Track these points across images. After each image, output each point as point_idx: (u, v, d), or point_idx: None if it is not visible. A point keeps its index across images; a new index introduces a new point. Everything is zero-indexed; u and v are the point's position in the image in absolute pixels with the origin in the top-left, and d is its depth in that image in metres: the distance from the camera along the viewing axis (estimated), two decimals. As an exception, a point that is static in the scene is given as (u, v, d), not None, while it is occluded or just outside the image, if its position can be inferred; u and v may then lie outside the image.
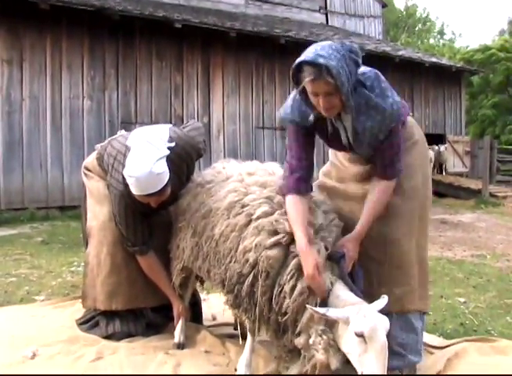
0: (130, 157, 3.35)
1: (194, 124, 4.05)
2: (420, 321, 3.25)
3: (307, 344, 2.67)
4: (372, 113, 2.76)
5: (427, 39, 51.33)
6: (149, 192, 3.29)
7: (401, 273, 3.10)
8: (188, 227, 3.42)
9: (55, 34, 11.82)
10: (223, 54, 14.14)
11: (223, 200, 3.17)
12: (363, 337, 2.46)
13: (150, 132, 3.55)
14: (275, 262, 2.81)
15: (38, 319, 4.22)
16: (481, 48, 35.13)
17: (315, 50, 2.63)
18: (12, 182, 11.26)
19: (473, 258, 7.80)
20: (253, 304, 2.88)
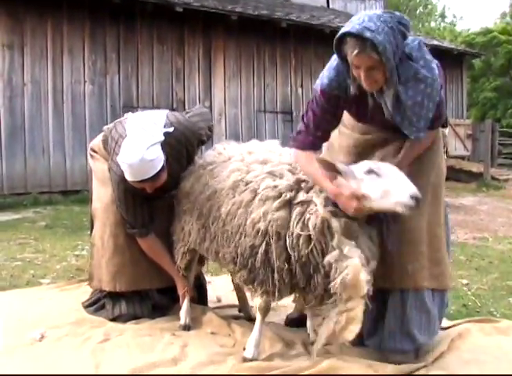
0: (124, 144, 3.37)
1: (199, 109, 4.06)
2: (434, 301, 3.25)
3: (340, 255, 2.75)
4: (421, 87, 2.72)
5: (428, 22, 51.01)
6: (142, 178, 3.32)
7: (411, 250, 3.11)
8: (193, 209, 3.45)
9: (56, 18, 11.77)
10: (224, 37, 14.09)
11: (226, 180, 3.23)
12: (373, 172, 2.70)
13: (145, 118, 3.56)
14: (283, 221, 2.89)
15: (45, 301, 4.26)
16: (483, 31, 34.94)
17: (362, 21, 2.54)
18: (14, 166, 11.27)
19: (475, 240, 7.84)
20: (270, 272, 2.94)
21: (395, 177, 2.69)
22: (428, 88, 2.72)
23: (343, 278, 2.70)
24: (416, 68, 2.71)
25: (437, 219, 3.24)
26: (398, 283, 3.14)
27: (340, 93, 2.89)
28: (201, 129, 3.82)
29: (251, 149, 3.38)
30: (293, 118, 15.10)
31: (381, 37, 2.50)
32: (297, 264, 2.86)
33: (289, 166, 3.11)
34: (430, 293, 3.21)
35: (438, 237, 3.23)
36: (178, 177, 3.69)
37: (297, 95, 15.41)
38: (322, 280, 2.83)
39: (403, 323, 3.14)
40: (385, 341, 3.18)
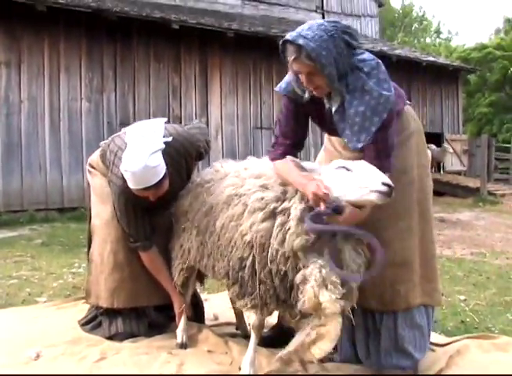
0: (125, 153, 3.37)
1: (197, 124, 4.09)
2: (425, 316, 3.25)
3: (304, 277, 2.71)
4: (366, 98, 2.72)
5: (423, 38, 51.36)
6: (145, 185, 3.31)
7: (404, 271, 3.11)
8: (192, 227, 3.45)
9: (53, 35, 11.82)
10: (220, 55, 14.16)
11: (221, 194, 3.24)
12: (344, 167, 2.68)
13: (145, 127, 3.56)
14: (266, 232, 2.86)
15: (41, 320, 4.22)
16: (478, 47, 35.15)
17: (301, 29, 2.69)
18: (11, 184, 11.26)
19: (472, 256, 7.83)
20: (257, 285, 2.92)
21: (366, 169, 2.65)
22: (373, 100, 2.71)
23: (302, 302, 2.70)
24: (365, 80, 2.73)
25: (428, 236, 3.24)
26: (389, 306, 3.14)
27: (297, 97, 2.97)
28: (199, 141, 3.82)
29: (247, 165, 3.38)
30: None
31: (314, 45, 2.58)
32: (276, 277, 2.84)
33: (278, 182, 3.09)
34: (421, 308, 3.22)
35: (430, 254, 3.25)
36: (178, 188, 3.68)
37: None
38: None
39: (397, 341, 3.14)
40: (382, 360, 3.17)
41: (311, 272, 2.68)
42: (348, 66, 2.73)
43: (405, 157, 3.11)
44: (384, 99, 2.72)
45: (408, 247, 3.12)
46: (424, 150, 3.33)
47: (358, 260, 2.84)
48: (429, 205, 3.26)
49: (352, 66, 2.74)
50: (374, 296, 3.08)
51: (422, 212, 3.19)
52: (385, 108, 2.73)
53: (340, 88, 2.73)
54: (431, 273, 3.25)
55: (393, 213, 3.06)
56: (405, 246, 3.11)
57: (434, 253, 3.30)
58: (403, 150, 3.10)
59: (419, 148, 3.23)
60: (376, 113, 2.72)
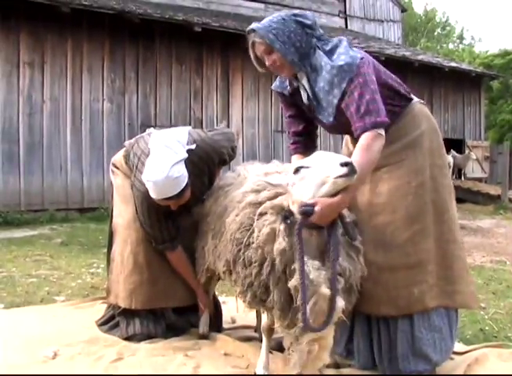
0: (148, 162, 3.38)
1: (223, 129, 4.06)
2: (447, 319, 3.18)
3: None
4: (323, 74, 2.88)
5: (446, 44, 51.07)
6: (166, 196, 3.32)
7: (417, 272, 3.04)
8: (210, 231, 3.45)
9: (76, 37, 11.93)
10: (242, 58, 14.14)
11: (235, 198, 3.22)
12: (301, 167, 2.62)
13: (168, 136, 3.56)
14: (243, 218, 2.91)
15: (59, 319, 4.24)
16: (501, 53, 34.90)
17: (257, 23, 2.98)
18: (32, 183, 11.36)
19: (492, 263, 7.74)
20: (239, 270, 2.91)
21: (321, 159, 2.58)
22: (327, 74, 2.86)
23: (311, 307, 2.59)
24: (322, 57, 2.89)
25: (447, 236, 3.16)
26: (406, 309, 3.04)
27: (283, 90, 3.23)
28: (223, 148, 3.81)
29: (270, 170, 3.34)
30: (310, 139, 15.09)
31: (263, 26, 2.91)
32: (253, 268, 2.79)
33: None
34: (441, 311, 3.14)
35: (451, 255, 3.16)
36: (200, 194, 3.69)
37: (315, 115, 15.40)
38: (279, 299, 2.71)
39: (414, 344, 3.07)
40: (400, 366, 3.12)
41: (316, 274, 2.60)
42: (309, 47, 2.90)
43: (416, 157, 3.10)
44: (337, 70, 2.82)
45: (421, 250, 3.05)
46: (439, 149, 3.26)
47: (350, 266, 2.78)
48: (447, 205, 3.18)
49: (313, 47, 2.91)
50: (387, 302, 3.01)
51: (438, 213, 3.13)
52: (342, 78, 2.82)
53: (301, 66, 2.92)
54: (452, 274, 3.15)
55: (405, 215, 3.03)
56: (419, 248, 3.05)
57: (456, 253, 3.18)
58: (413, 150, 3.10)
59: (432, 148, 3.19)
60: (333, 85, 2.86)
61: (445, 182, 3.21)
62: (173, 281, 3.84)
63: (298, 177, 2.61)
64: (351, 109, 2.82)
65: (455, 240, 3.20)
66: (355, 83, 2.79)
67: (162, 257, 3.80)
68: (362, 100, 2.78)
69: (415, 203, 3.05)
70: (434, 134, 3.26)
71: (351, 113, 2.83)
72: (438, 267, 3.10)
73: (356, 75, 2.80)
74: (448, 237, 3.16)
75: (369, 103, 2.79)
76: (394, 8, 21.48)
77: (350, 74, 2.80)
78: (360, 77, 2.80)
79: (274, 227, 2.71)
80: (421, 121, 3.18)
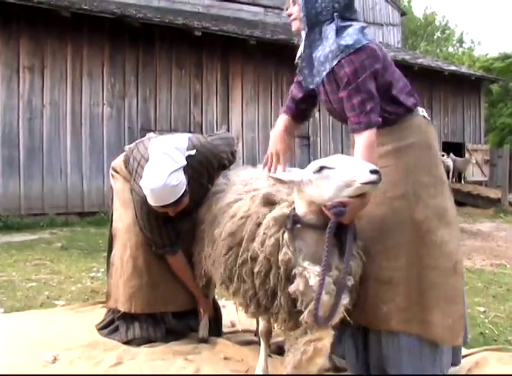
0: (146, 169, 3.39)
1: (223, 134, 4.07)
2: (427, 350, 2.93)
3: (306, 287, 2.62)
4: (324, 45, 2.89)
5: (446, 47, 51.09)
6: (164, 203, 3.33)
7: (388, 289, 2.89)
8: (204, 238, 3.47)
9: (76, 41, 11.95)
10: (242, 62, 14.20)
11: (223, 203, 3.25)
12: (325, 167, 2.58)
13: (168, 143, 3.56)
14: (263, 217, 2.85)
15: (59, 323, 4.24)
16: (501, 57, 34.90)
17: None
18: (32, 187, 11.37)
19: (492, 267, 7.74)
20: (241, 282, 2.90)
21: (348, 162, 2.58)
22: (328, 47, 2.86)
23: (309, 312, 2.60)
24: (332, 30, 2.87)
25: (426, 261, 2.92)
26: (373, 324, 2.96)
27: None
28: (223, 152, 3.82)
29: (258, 174, 3.35)
30: (310, 143, 15.13)
31: None
32: (256, 279, 2.78)
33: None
34: (414, 340, 2.91)
35: (426, 281, 2.90)
36: (200, 198, 3.69)
37: (315, 119, 15.43)
38: (286, 303, 2.72)
39: (379, 361, 2.98)
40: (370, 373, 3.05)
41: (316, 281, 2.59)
42: (327, 17, 2.89)
43: (396, 168, 2.97)
44: (336, 48, 2.81)
45: (394, 267, 2.90)
46: (430, 167, 3.00)
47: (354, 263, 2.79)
48: (431, 228, 2.93)
49: (331, 19, 2.89)
50: (358, 309, 2.91)
51: (418, 234, 2.92)
52: (335, 56, 2.81)
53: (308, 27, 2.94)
54: (426, 303, 2.89)
55: (379, 226, 2.94)
56: (392, 265, 2.90)
57: (437, 281, 2.90)
58: (396, 160, 2.97)
59: (419, 164, 2.98)
60: (327, 59, 2.87)
61: (431, 203, 2.96)
62: (173, 285, 3.84)
63: (319, 176, 2.59)
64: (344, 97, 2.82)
65: (436, 266, 2.91)
66: (344, 66, 2.78)
67: (162, 261, 3.80)
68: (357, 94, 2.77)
69: (389, 215, 2.93)
70: (426, 150, 3.03)
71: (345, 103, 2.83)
72: (412, 291, 2.89)
73: (349, 58, 2.78)
74: (428, 263, 2.91)
75: (365, 101, 2.77)
76: (393, 11, 21.50)
77: (342, 55, 2.79)
78: (351, 63, 2.78)
79: (277, 237, 2.72)
80: (413, 133, 3.02)
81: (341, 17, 2.88)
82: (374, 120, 2.78)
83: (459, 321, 2.95)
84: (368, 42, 2.82)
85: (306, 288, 2.61)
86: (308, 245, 2.72)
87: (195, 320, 3.97)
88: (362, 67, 2.77)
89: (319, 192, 2.59)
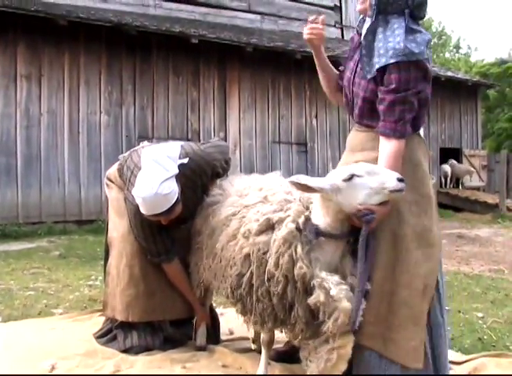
0: (138, 177, 3.38)
1: (216, 142, 4.06)
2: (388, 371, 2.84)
3: (327, 297, 2.63)
4: (389, 39, 2.81)
5: (442, 53, 51.22)
6: (156, 212, 3.32)
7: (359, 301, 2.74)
8: (202, 249, 3.47)
9: (73, 49, 11.96)
10: (239, 69, 14.22)
11: (220, 216, 3.26)
12: (353, 175, 2.59)
13: (159, 151, 3.55)
14: (264, 246, 2.83)
15: (57, 332, 4.23)
16: (497, 62, 35.06)
17: None
18: (30, 195, 11.37)
19: (490, 272, 7.75)
20: (255, 301, 2.89)
21: (376, 170, 2.62)
22: (390, 43, 2.79)
23: (334, 321, 2.62)
24: (401, 27, 2.82)
25: (399, 279, 2.85)
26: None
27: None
28: (216, 160, 3.81)
29: (251, 183, 3.37)
30: (307, 149, 15.16)
31: None
32: (274, 297, 2.79)
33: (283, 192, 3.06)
34: (376, 357, 2.85)
35: (397, 299, 2.83)
36: (194, 206, 3.69)
37: (312, 126, 15.47)
38: (304, 314, 2.74)
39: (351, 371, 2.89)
40: None
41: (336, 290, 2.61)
42: (397, 9, 2.84)
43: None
44: (401, 48, 2.74)
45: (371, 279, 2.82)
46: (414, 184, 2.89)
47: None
48: (407, 246, 2.87)
49: (400, 12, 2.85)
50: None
51: (395, 250, 2.87)
52: (397, 55, 2.74)
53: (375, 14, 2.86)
54: (394, 321, 2.82)
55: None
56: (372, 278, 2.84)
57: (408, 301, 2.83)
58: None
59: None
60: (386, 53, 2.78)
61: (411, 221, 2.90)
62: (170, 294, 3.83)
63: (350, 184, 2.60)
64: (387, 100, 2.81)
65: (409, 285, 2.84)
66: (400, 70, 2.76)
67: (158, 269, 3.79)
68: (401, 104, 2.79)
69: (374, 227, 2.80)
70: (412, 167, 2.96)
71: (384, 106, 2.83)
72: (382, 307, 2.83)
73: (408, 65, 2.76)
74: (402, 281, 2.84)
75: (406, 111, 2.80)
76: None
77: (404, 58, 2.74)
78: (408, 71, 2.77)
79: (290, 253, 2.73)
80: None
81: (410, 15, 2.85)
82: (408, 130, 2.84)
83: (421, 345, 2.85)
84: (427, 58, 2.84)
85: (327, 298, 2.62)
86: (326, 254, 2.76)
87: (192, 328, 3.97)
88: (415, 81, 2.78)
89: (348, 200, 2.62)
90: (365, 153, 3.01)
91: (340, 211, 2.68)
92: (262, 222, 2.89)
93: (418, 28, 2.85)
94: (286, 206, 2.92)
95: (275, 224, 2.86)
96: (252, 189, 3.26)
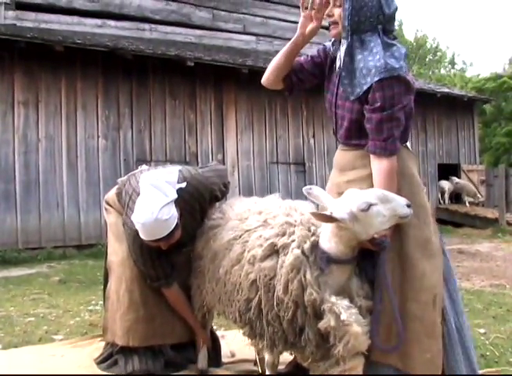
0: (137, 203, 3.38)
1: (214, 166, 4.07)
2: None
3: (337, 322, 2.63)
4: (368, 58, 2.84)
5: (438, 69, 51.46)
6: (156, 237, 3.31)
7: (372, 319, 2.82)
8: (204, 273, 3.47)
9: (70, 75, 12.01)
10: (236, 90, 14.27)
11: (222, 240, 3.26)
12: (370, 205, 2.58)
13: (158, 176, 3.55)
14: (269, 271, 2.83)
15: (57, 358, 4.22)
16: (493, 77, 35.17)
17: None
18: (29, 221, 11.36)
19: (492, 287, 7.72)
20: (265, 325, 2.89)
21: (386, 197, 2.63)
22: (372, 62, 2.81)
23: (344, 345, 2.63)
24: (377, 44, 2.85)
25: (409, 295, 2.90)
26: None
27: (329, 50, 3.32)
28: (214, 184, 3.81)
29: (250, 206, 3.38)
30: (305, 169, 15.18)
31: None
32: (284, 321, 2.79)
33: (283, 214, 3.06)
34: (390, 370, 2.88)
35: (407, 314, 2.86)
36: (192, 231, 3.69)
37: (310, 146, 15.51)
38: (314, 337, 2.75)
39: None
40: None
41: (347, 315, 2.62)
42: (370, 27, 2.87)
43: None
44: (382, 64, 2.77)
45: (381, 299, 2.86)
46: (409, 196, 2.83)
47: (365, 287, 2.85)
48: (412, 260, 2.91)
49: (374, 30, 2.87)
50: None
51: (402, 266, 2.92)
52: (379, 72, 2.76)
53: (349, 37, 2.89)
54: (407, 336, 2.81)
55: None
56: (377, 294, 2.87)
57: (418, 314, 2.87)
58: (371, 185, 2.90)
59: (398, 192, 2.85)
60: (369, 73, 2.81)
61: (411, 233, 2.93)
62: (170, 318, 3.82)
63: (367, 213, 2.60)
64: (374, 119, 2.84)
65: (417, 299, 2.88)
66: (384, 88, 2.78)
67: (158, 294, 3.78)
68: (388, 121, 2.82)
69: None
70: (409, 180, 3.02)
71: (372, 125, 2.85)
72: (393, 323, 2.82)
73: (391, 81, 2.79)
74: (410, 295, 2.89)
75: (394, 128, 2.83)
76: (384, 36, 21.65)
77: (386, 75, 2.77)
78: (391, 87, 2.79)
79: (299, 279, 2.74)
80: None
81: (383, 30, 2.89)
82: (398, 147, 2.87)
83: (439, 356, 2.88)
84: (406, 71, 2.86)
85: (337, 323, 2.63)
86: (334, 278, 2.76)
87: (194, 351, 3.95)
88: (399, 96, 2.81)
89: (365, 228, 2.63)
90: (356, 171, 3.06)
91: (354, 239, 2.69)
92: (266, 247, 2.89)
93: (393, 42, 2.90)
94: (288, 230, 2.92)
95: (280, 249, 2.86)
96: (252, 212, 3.26)
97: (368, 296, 2.83)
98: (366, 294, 2.84)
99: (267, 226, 3.02)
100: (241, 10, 16.89)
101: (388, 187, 2.74)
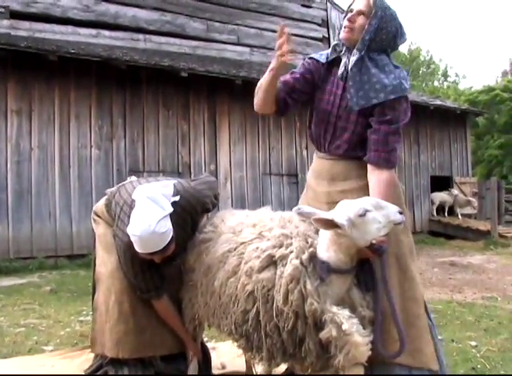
0: (133, 216, 3.36)
1: (205, 178, 4.05)
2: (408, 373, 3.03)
3: (339, 332, 2.64)
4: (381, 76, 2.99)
5: (431, 82, 51.74)
6: (152, 250, 3.29)
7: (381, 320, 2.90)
8: (196, 287, 3.45)
9: (64, 84, 12.02)
10: (229, 102, 14.29)
11: (216, 253, 3.23)
12: (366, 211, 2.64)
13: (154, 189, 3.54)
14: (267, 282, 2.82)
15: (47, 369, 4.19)
16: (486, 90, 35.40)
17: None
18: (20, 230, 11.32)
19: (483, 300, 7.73)
20: (263, 337, 2.87)
21: (380, 204, 2.69)
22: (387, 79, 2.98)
23: (345, 355, 2.63)
24: (389, 64, 3.04)
25: (409, 294, 3.09)
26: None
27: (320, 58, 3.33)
28: (206, 197, 3.80)
29: (242, 219, 3.37)
30: (298, 180, 15.18)
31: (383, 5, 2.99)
32: (283, 332, 2.78)
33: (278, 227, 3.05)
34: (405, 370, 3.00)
35: (413, 313, 3.06)
36: (183, 243, 3.67)
37: (303, 157, 15.52)
38: (315, 348, 2.74)
39: None
40: None
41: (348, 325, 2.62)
42: (380, 48, 3.05)
43: None
44: (398, 84, 2.97)
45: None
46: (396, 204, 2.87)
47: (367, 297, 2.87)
48: (408, 263, 3.14)
49: (383, 51, 3.07)
50: None
51: (401, 269, 3.11)
52: (395, 91, 2.96)
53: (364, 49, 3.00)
54: (415, 333, 3.02)
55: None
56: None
57: (417, 312, 3.08)
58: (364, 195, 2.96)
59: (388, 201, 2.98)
60: (384, 90, 2.96)
61: (405, 240, 3.18)
62: (160, 329, 3.79)
63: (364, 219, 2.65)
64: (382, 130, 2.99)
65: (416, 298, 3.11)
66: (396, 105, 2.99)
67: (148, 305, 3.75)
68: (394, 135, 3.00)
69: None
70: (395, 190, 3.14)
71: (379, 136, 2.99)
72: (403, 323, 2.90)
73: (402, 100, 3.01)
74: (410, 295, 3.10)
75: (396, 142, 3.01)
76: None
77: (399, 94, 2.97)
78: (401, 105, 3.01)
79: (299, 290, 2.74)
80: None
81: (388, 54, 3.10)
82: (398, 160, 3.05)
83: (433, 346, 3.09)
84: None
85: (339, 333, 2.64)
86: (334, 288, 2.77)
87: (184, 363, 3.92)
88: (404, 113, 3.04)
89: (362, 235, 2.66)
90: (350, 182, 3.17)
91: (353, 246, 2.71)
92: (264, 259, 2.87)
93: (396, 64, 3.09)
94: (286, 241, 2.91)
95: (278, 260, 2.85)
96: (245, 225, 3.25)
97: (370, 306, 2.86)
98: (368, 304, 2.86)
99: (263, 239, 3.01)
100: (235, 21, 16.97)
101: (387, 197, 2.84)
